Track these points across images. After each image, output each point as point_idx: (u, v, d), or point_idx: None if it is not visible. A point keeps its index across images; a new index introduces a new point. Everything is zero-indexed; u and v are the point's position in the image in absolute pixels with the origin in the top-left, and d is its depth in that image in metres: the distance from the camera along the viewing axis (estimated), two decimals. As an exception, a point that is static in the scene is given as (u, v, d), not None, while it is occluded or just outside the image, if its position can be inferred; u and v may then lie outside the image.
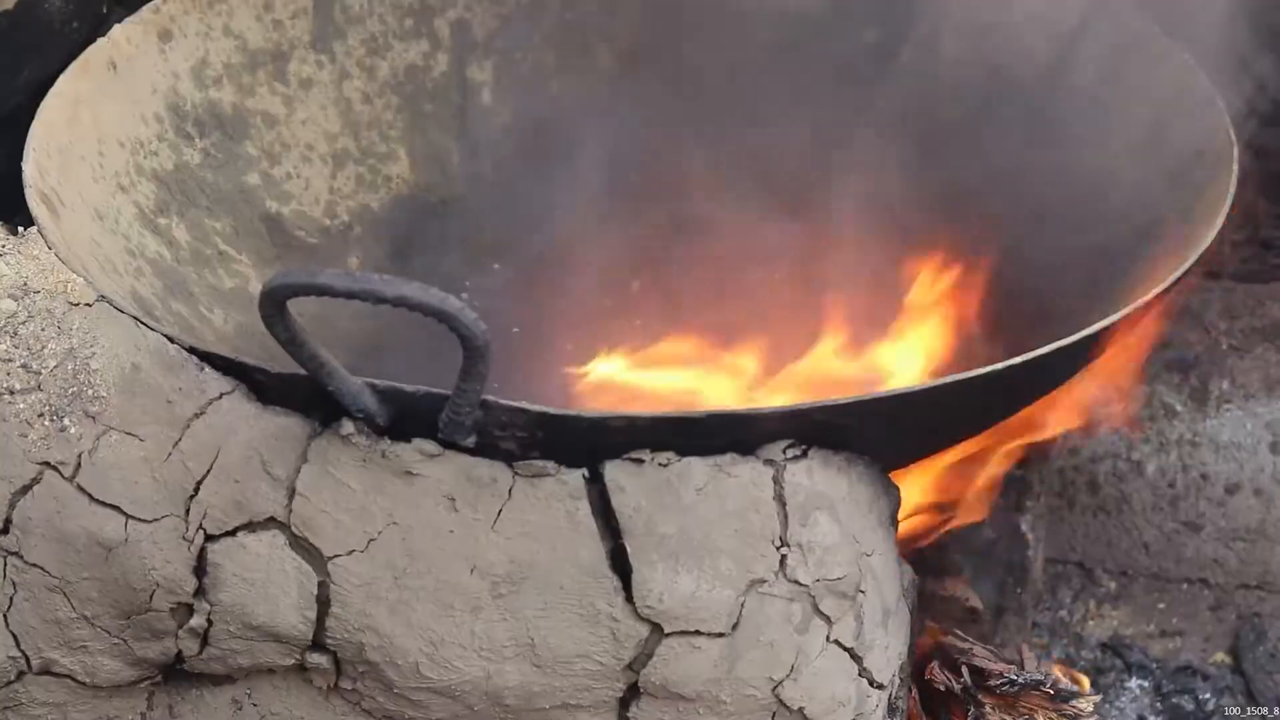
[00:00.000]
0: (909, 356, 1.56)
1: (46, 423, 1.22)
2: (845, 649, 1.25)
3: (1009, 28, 1.68)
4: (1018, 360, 1.21)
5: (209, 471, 1.22)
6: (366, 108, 1.76)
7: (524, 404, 1.17)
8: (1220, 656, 1.96)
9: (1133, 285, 1.36)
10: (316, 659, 1.25)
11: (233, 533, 1.22)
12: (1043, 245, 1.56)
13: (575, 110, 1.82)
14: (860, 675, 1.26)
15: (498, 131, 1.83)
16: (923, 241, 1.65)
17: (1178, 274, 1.31)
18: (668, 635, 1.21)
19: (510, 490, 1.21)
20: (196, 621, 1.23)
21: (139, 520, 1.22)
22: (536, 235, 1.78)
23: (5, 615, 1.23)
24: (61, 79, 1.49)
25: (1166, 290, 1.30)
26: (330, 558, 1.21)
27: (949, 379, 1.20)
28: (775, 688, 1.23)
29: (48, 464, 1.22)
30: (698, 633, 1.21)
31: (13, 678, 1.26)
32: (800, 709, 1.24)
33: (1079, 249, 1.52)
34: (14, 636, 1.24)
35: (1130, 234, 1.49)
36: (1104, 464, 1.96)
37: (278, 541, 1.22)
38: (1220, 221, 1.36)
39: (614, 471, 1.21)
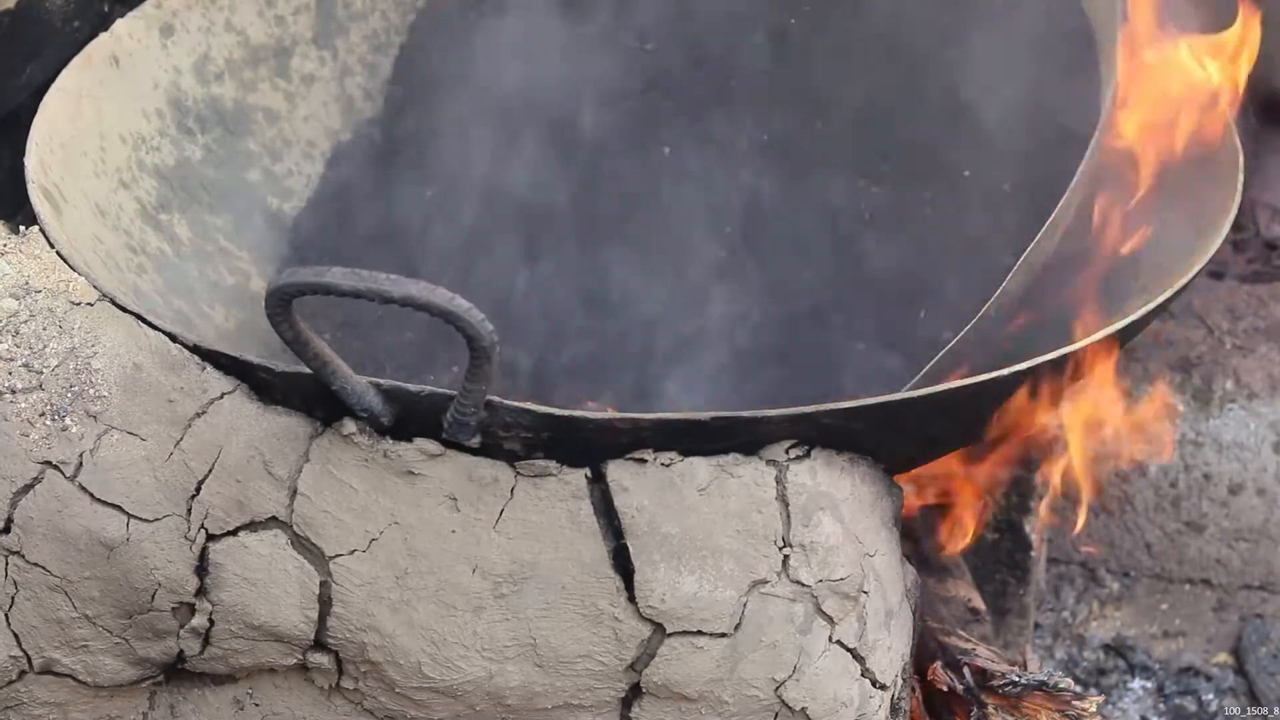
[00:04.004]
0: None
1: (48, 422, 1.22)
2: (848, 649, 1.25)
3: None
4: (1023, 366, 1.21)
5: (210, 471, 1.22)
6: (369, 105, 1.76)
7: (529, 405, 1.17)
8: (1223, 657, 1.96)
9: (1138, 290, 1.36)
10: (318, 659, 1.24)
11: (234, 532, 1.22)
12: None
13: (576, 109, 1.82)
14: (863, 676, 1.26)
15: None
16: None
17: (1185, 280, 1.30)
18: (670, 635, 1.21)
19: (512, 490, 1.21)
20: (198, 621, 1.23)
21: (140, 520, 1.21)
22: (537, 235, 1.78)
23: (7, 615, 1.23)
24: (64, 74, 1.49)
25: (1174, 296, 1.30)
26: (332, 557, 1.21)
27: (956, 384, 1.20)
28: (778, 688, 1.23)
29: (49, 463, 1.21)
30: (700, 633, 1.21)
31: (14, 677, 1.25)
32: (803, 709, 1.23)
33: (1084, 256, 1.52)
34: (15, 636, 1.24)
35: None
36: (1106, 464, 1.95)
37: (279, 541, 1.21)
38: (1227, 226, 1.36)
39: (617, 471, 1.21)
